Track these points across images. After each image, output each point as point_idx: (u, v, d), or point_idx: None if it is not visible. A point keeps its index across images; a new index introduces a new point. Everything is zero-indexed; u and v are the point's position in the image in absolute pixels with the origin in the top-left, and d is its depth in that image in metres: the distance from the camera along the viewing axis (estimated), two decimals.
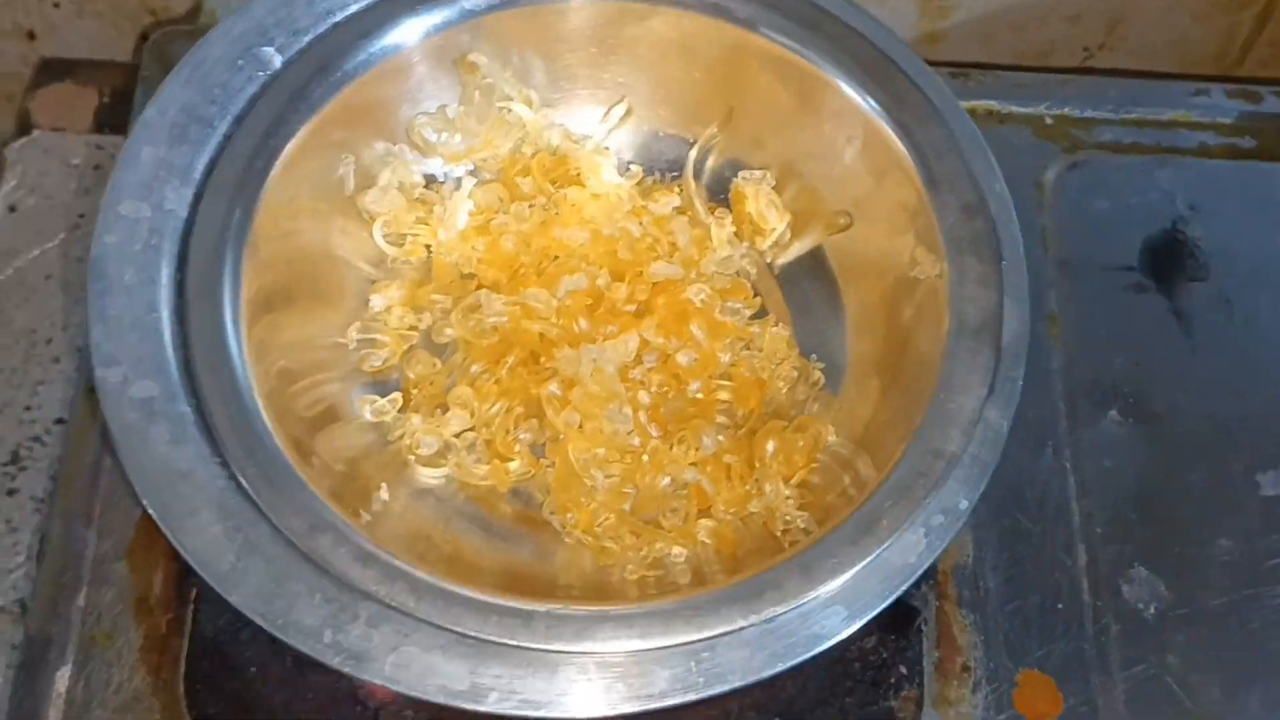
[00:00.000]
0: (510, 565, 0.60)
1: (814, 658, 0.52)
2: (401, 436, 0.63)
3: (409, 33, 0.65)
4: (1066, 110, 0.80)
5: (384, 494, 0.60)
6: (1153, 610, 0.65)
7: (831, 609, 0.53)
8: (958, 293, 0.59)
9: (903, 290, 0.63)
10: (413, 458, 0.63)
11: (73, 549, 0.63)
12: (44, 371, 0.70)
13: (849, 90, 0.64)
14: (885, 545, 0.53)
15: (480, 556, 0.60)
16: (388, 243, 0.67)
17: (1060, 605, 0.65)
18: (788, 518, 0.60)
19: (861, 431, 0.62)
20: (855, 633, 0.53)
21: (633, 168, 0.71)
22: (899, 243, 0.64)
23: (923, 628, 0.63)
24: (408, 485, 0.62)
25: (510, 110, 0.68)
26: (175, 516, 0.52)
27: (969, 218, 0.61)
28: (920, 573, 0.54)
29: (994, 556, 0.66)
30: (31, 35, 0.83)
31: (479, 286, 0.67)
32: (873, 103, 0.64)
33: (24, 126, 0.79)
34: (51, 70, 0.80)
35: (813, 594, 0.52)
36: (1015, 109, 0.81)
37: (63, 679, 0.60)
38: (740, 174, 0.70)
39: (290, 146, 0.61)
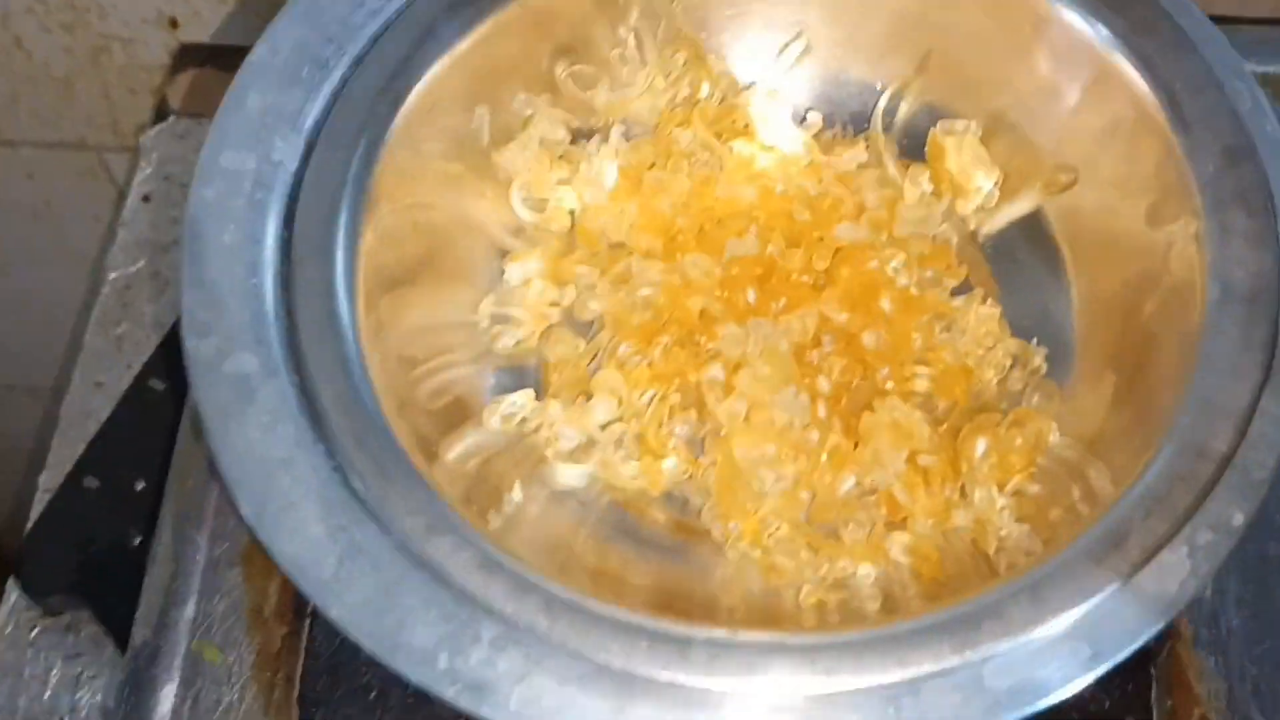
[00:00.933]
0: (663, 581, 0.54)
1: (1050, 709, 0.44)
2: (538, 428, 0.58)
3: None
4: None
5: (517, 494, 0.54)
6: None
7: (1069, 647, 0.45)
8: (1221, 254, 0.51)
9: (1147, 256, 0.56)
10: (551, 453, 0.57)
11: (183, 554, 0.60)
12: None
13: (1074, 17, 0.57)
14: (1138, 567, 0.45)
15: (628, 570, 0.54)
16: (526, 207, 0.62)
17: None
18: (1003, 532, 0.53)
19: (1095, 432, 0.55)
20: None
21: (810, 116, 0.65)
22: (1140, 199, 0.56)
23: (1153, 672, 0.56)
24: (545, 485, 0.57)
25: (675, 53, 0.63)
26: (269, 512, 0.47)
27: (1232, 163, 0.53)
28: (1185, 604, 0.46)
29: (1238, 589, 0.58)
30: (174, 23, 0.82)
31: (630, 255, 0.61)
32: (1105, 30, 0.57)
33: (161, 113, 0.80)
34: (191, 56, 0.80)
35: (1044, 626, 0.45)
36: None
37: (168, 697, 0.57)
38: (939, 124, 0.63)
39: (416, 92, 0.56)
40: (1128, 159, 0.57)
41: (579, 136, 0.63)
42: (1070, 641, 0.45)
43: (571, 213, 0.62)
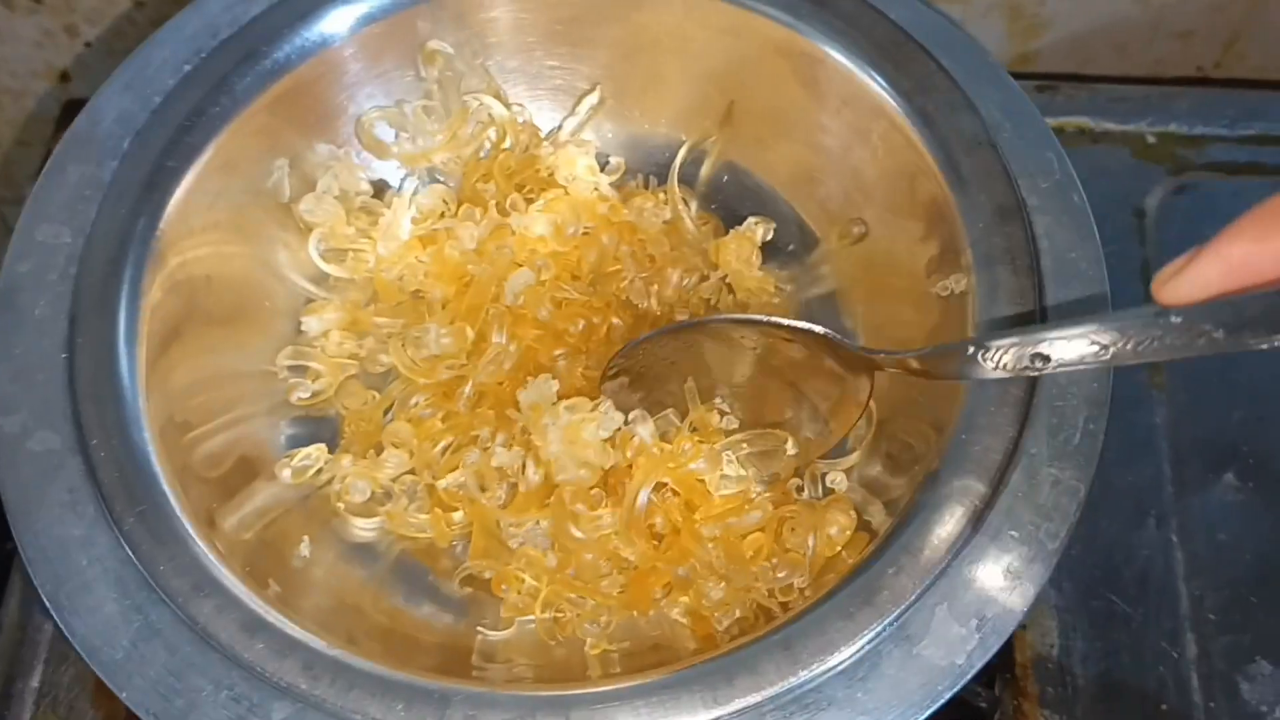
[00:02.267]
0: (453, 638, 0.54)
1: None
2: (330, 481, 0.57)
3: (349, 17, 0.59)
4: (1172, 127, 0.73)
5: (305, 550, 0.54)
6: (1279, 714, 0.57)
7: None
8: (987, 311, 0.52)
9: (925, 311, 0.56)
10: (343, 506, 0.57)
11: (30, 622, 0.59)
12: None
13: (859, 74, 0.57)
14: (886, 620, 0.46)
15: (417, 628, 0.54)
16: (324, 258, 0.61)
17: (1164, 706, 0.57)
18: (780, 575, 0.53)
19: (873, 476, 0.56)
20: None
21: (613, 160, 0.64)
22: (920, 254, 0.57)
23: None
24: (336, 541, 0.57)
25: (479, 104, 0.62)
26: (65, 591, 0.47)
27: (1003, 222, 0.53)
28: (971, 677, 0.46)
29: (1085, 646, 0.58)
30: (65, 76, 0.82)
31: (426, 303, 0.61)
32: (887, 87, 0.57)
33: None
34: (79, 110, 0.78)
35: (795, 678, 0.45)
36: (1112, 126, 0.73)
37: None
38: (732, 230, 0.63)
39: (211, 145, 0.56)
40: (911, 213, 0.57)
41: (384, 190, 0.63)
42: (855, 715, 0.45)
43: (369, 264, 0.62)
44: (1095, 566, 0.59)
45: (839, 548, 0.53)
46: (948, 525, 0.48)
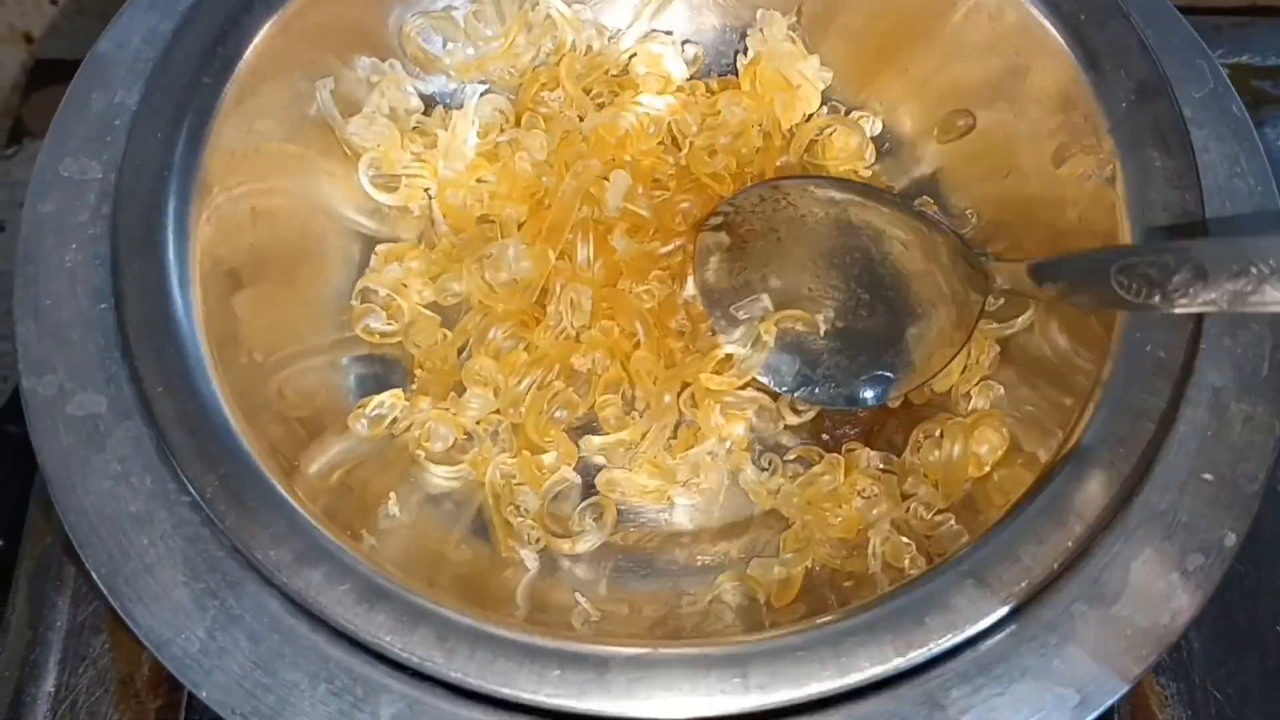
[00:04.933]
0: (534, 590, 0.50)
1: None
2: (409, 428, 0.53)
3: None
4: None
5: (393, 507, 0.50)
6: None
7: (1054, 694, 0.41)
8: (1140, 197, 0.47)
9: (1056, 204, 0.51)
10: (422, 453, 0.52)
11: (41, 620, 0.54)
12: None
13: None
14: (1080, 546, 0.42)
15: (492, 577, 0.50)
16: (376, 186, 0.56)
17: None
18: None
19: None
20: None
21: (688, 48, 0.60)
22: (1046, 142, 0.51)
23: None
24: (416, 490, 0.52)
25: (537, 4, 0.57)
26: (124, 577, 0.42)
27: (1147, 100, 0.48)
28: (1179, 636, 0.42)
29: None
30: (29, 38, 0.79)
31: (499, 226, 0.56)
32: None
33: (16, 135, 0.76)
34: (48, 73, 0.78)
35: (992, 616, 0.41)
36: None
37: None
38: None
39: (244, 61, 0.50)
40: (1032, 97, 0.52)
41: (433, 106, 0.58)
42: (1053, 687, 0.41)
43: (427, 190, 0.57)
44: None
45: (987, 467, 0.49)
46: (1115, 466, 0.43)
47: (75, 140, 0.49)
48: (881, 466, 0.52)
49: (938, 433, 0.51)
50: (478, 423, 0.53)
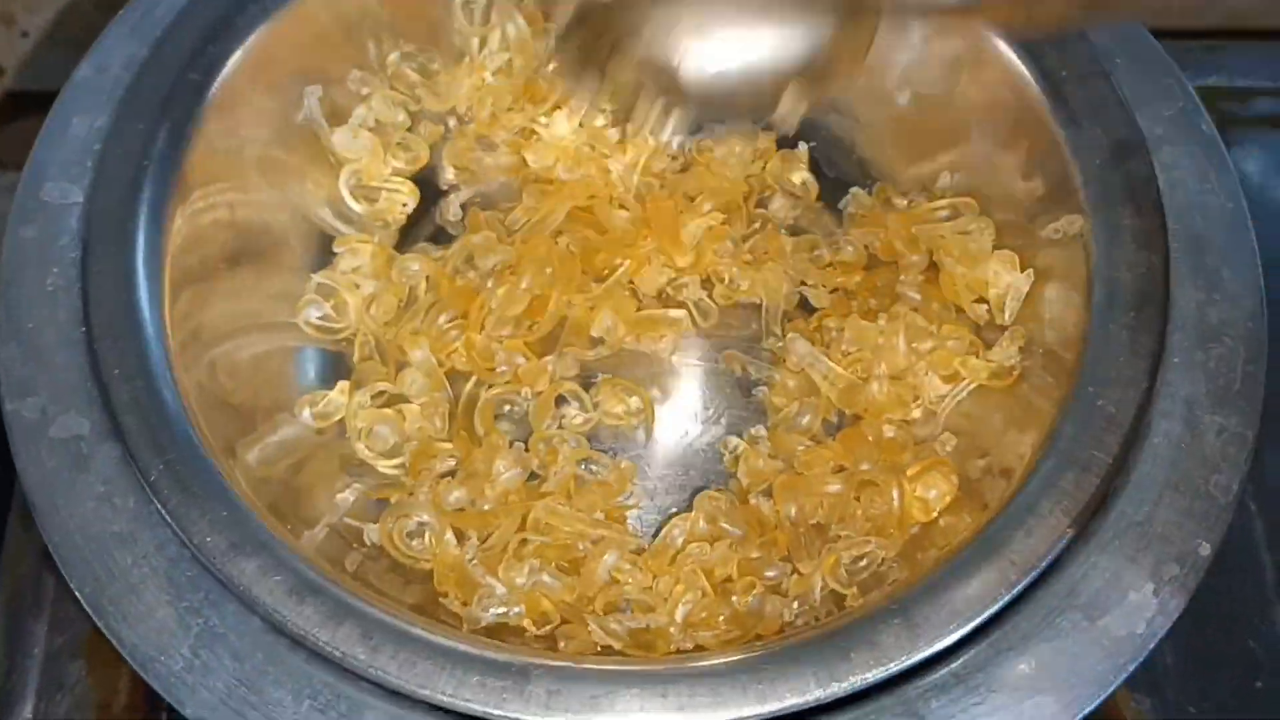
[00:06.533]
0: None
1: None
2: (353, 418, 0.53)
3: None
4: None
5: (350, 495, 0.51)
6: None
7: (1033, 702, 0.42)
8: (1106, 256, 0.48)
9: (1029, 257, 0.53)
10: (368, 451, 0.53)
11: (18, 646, 0.54)
12: None
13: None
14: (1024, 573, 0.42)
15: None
16: (355, 197, 0.57)
17: (1259, 683, 0.56)
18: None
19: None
20: None
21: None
22: (1021, 194, 0.53)
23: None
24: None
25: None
26: (109, 597, 0.43)
27: (1121, 159, 0.50)
28: (1155, 643, 0.43)
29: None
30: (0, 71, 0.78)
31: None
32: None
33: None
34: (21, 104, 0.76)
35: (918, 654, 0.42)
36: None
37: None
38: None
39: (236, 55, 0.51)
40: (1011, 150, 0.53)
41: (420, 120, 0.59)
42: (1032, 696, 0.42)
43: (404, 205, 0.57)
44: None
45: (934, 513, 0.50)
46: (1058, 518, 0.44)
47: (56, 165, 0.49)
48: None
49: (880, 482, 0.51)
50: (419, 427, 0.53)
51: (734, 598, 0.49)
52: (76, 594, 0.42)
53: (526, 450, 0.52)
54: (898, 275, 0.55)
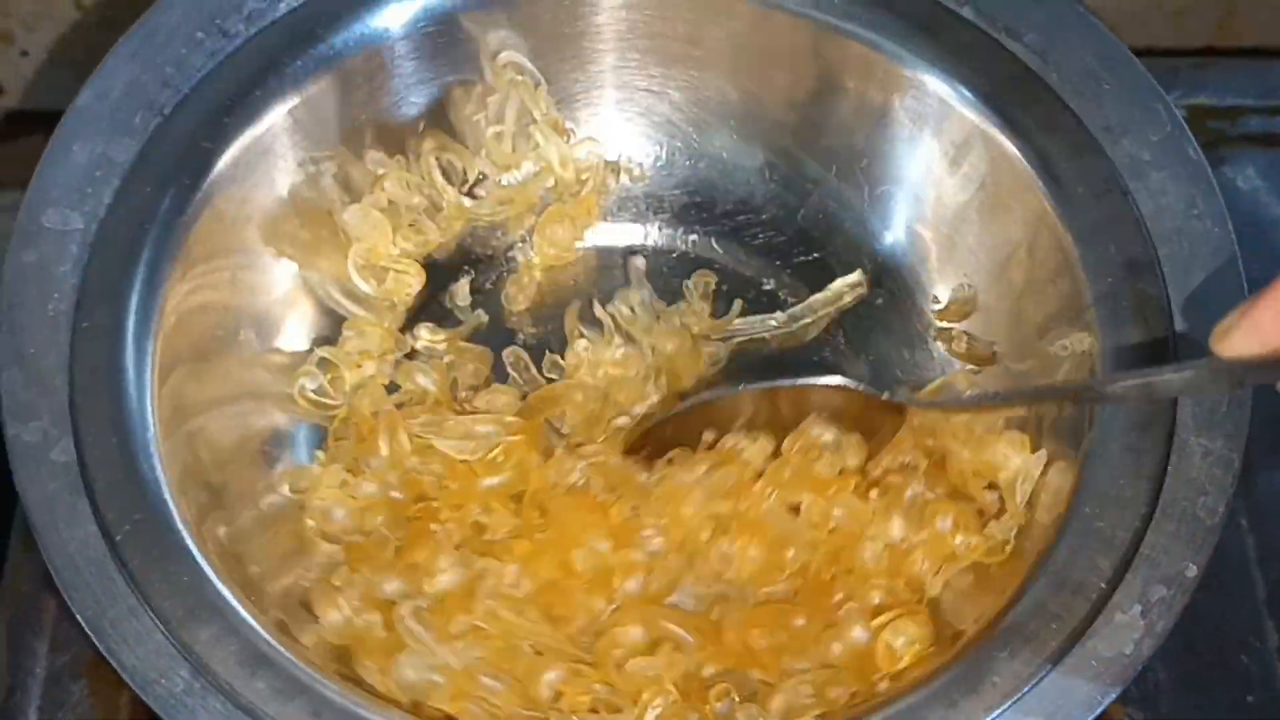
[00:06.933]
0: None
1: None
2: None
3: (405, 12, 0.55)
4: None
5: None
6: None
7: None
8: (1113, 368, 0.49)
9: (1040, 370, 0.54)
10: (312, 524, 0.53)
11: (20, 666, 0.54)
12: None
13: (965, 111, 0.54)
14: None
15: None
16: (361, 276, 0.57)
17: (1250, 699, 0.56)
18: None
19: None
20: None
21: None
22: (1031, 311, 0.54)
23: None
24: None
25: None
26: (109, 620, 0.43)
27: (1133, 278, 0.50)
28: (1142, 665, 0.44)
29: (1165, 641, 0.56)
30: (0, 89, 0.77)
31: None
32: (1006, 128, 0.54)
33: None
34: (22, 124, 0.75)
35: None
36: None
37: None
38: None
39: (250, 130, 0.52)
40: (1024, 267, 0.54)
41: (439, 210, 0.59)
42: (1021, 716, 0.43)
43: (410, 288, 0.57)
44: None
45: (901, 662, 0.49)
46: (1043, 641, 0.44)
47: (57, 190, 0.50)
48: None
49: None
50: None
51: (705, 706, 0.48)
52: (78, 616, 0.43)
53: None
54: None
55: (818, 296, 0.59)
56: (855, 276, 0.59)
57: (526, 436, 0.54)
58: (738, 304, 0.59)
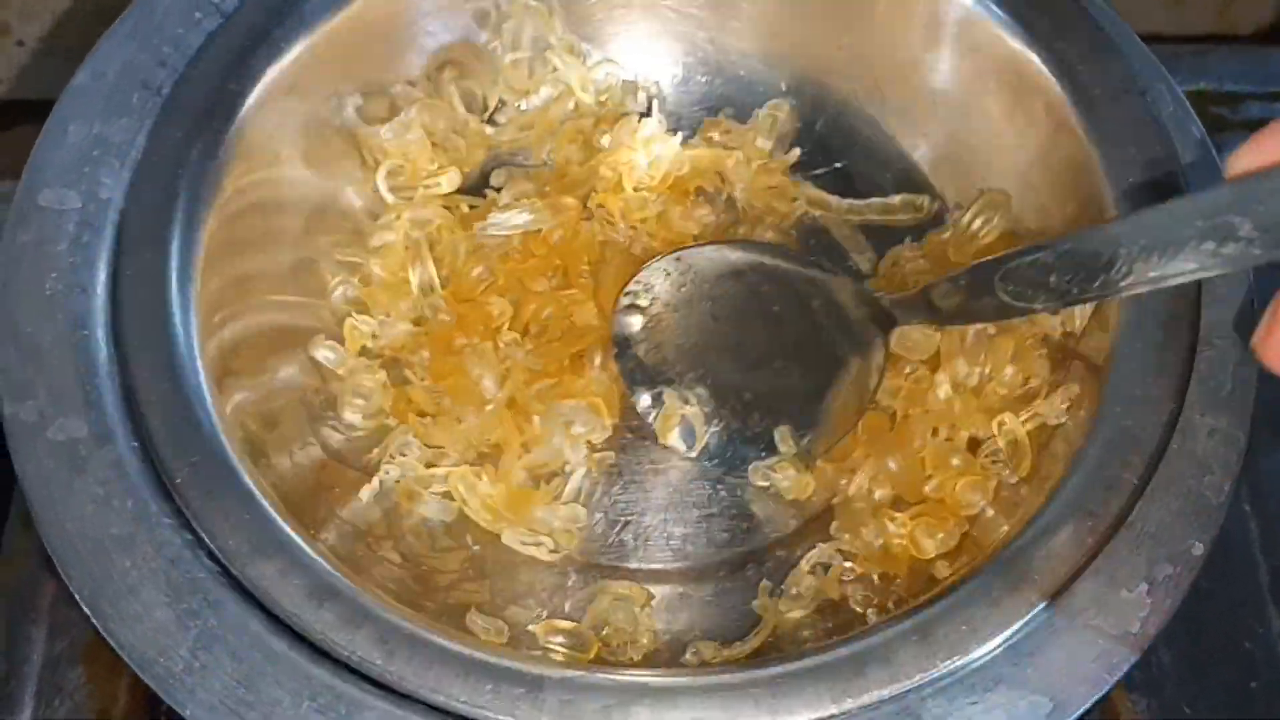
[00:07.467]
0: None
1: None
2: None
3: None
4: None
5: (366, 495, 0.51)
6: None
7: (1026, 702, 0.42)
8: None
9: None
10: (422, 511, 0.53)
11: (17, 652, 0.54)
12: None
13: (986, 17, 0.54)
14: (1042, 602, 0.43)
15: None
16: (392, 192, 0.57)
17: (1254, 684, 0.56)
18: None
19: None
20: None
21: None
22: (1059, 214, 0.53)
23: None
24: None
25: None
26: (107, 599, 0.43)
27: (1153, 175, 0.49)
28: (1149, 644, 0.43)
29: (1169, 625, 0.55)
30: None
31: None
32: (1020, 31, 0.53)
33: None
34: (16, 114, 0.75)
35: (934, 670, 0.42)
36: None
37: None
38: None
39: (274, 69, 0.51)
40: (1047, 170, 0.53)
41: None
42: (1027, 695, 0.42)
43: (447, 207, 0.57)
44: None
45: (931, 554, 0.50)
46: (1080, 538, 0.44)
47: (53, 170, 0.49)
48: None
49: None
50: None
51: None
52: (75, 596, 0.42)
53: None
54: None
55: (876, 200, 0.58)
56: (922, 199, 0.58)
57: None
58: (795, 151, 0.59)
